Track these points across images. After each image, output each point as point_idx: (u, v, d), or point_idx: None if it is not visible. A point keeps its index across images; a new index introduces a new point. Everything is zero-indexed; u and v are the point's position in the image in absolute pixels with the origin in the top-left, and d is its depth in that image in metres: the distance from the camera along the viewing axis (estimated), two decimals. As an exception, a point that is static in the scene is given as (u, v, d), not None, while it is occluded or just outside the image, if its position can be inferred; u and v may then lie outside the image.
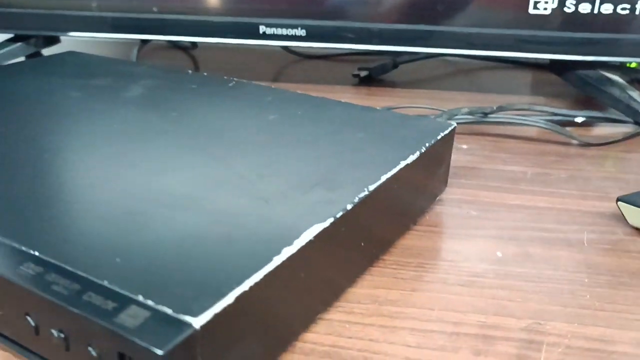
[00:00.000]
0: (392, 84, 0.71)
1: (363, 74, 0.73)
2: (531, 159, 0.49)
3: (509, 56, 0.58)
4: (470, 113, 0.52)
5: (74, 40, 0.83)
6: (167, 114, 0.41)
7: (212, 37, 0.62)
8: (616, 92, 0.54)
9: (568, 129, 0.53)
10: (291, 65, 0.80)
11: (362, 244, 0.32)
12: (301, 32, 0.60)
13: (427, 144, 0.37)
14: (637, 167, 0.48)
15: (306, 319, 0.29)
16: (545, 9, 0.54)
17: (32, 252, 0.25)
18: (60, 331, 0.23)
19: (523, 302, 0.31)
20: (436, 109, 0.55)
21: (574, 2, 0.53)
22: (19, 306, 0.24)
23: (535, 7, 0.55)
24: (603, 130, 0.55)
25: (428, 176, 0.39)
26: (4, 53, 0.66)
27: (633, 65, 0.59)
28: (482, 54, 0.58)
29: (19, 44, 0.66)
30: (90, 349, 0.22)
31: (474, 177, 0.46)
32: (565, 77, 0.59)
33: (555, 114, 0.53)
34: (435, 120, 0.41)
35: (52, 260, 0.24)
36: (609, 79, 0.55)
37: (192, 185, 0.31)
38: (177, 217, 0.28)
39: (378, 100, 0.64)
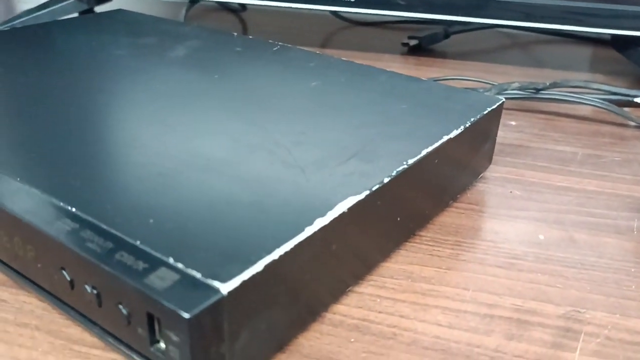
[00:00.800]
0: (443, 55, 0.69)
1: (412, 43, 0.71)
2: (583, 140, 0.47)
3: (568, 30, 0.55)
4: (521, 88, 0.50)
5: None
6: (209, 76, 0.40)
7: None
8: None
9: (626, 109, 0.51)
10: (340, 31, 0.79)
11: (398, 219, 0.32)
12: (350, -3, 0.59)
13: (472, 119, 0.36)
14: (698, 154, 0.45)
15: (337, 291, 0.29)
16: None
17: (69, 208, 0.25)
18: (94, 287, 0.23)
19: (563, 288, 0.30)
20: (485, 82, 0.53)
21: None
22: (56, 260, 0.24)
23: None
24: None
25: (472, 152, 0.37)
26: (58, 9, 0.67)
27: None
28: (540, 26, 0.56)
29: (72, 0, 0.67)
30: (120, 306, 0.22)
31: (520, 155, 0.44)
32: (627, 55, 0.56)
33: (613, 93, 0.50)
34: (482, 94, 0.40)
35: (88, 217, 0.25)
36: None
37: (228, 150, 0.30)
38: (211, 181, 0.28)
39: (426, 71, 0.63)
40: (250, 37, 0.51)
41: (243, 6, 0.86)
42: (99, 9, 0.73)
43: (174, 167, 0.29)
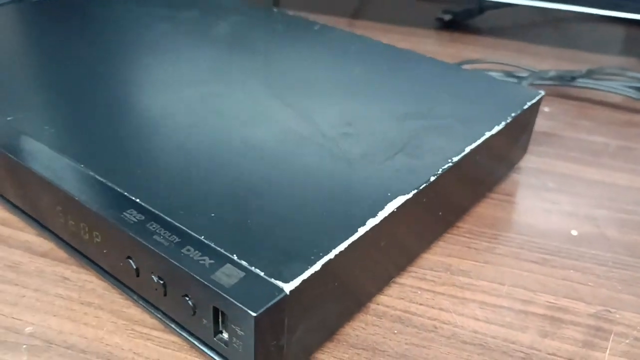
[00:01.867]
0: (477, 31, 0.69)
1: (447, 18, 0.71)
2: (616, 130, 0.48)
3: (607, 15, 0.55)
4: (557, 77, 0.50)
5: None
6: (252, 57, 0.41)
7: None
8: None
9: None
10: (372, 0, 0.78)
11: (440, 213, 0.33)
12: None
13: (513, 114, 0.36)
14: None
15: (381, 283, 0.30)
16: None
17: (134, 198, 0.27)
18: (160, 278, 0.25)
19: (595, 286, 0.31)
20: (522, 68, 0.54)
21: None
22: (122, 249, 0.26)
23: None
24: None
25: (510, 145, 0.38)
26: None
27: None
28: (576, 9, 0.55)
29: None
30: (187, 298, 0.24)
31: (554, 145, 0.45)
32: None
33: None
34: (523, 88, 0.40)
35: (153, 209, 0.26)
36: None
37: (279, 141, 0.32)
38: (265, 174, 0.29)
39: (461, 49, 0.63)
40: (290, 13, 0.51)
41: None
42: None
43: (228, 158, 0.30)
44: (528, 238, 0.35)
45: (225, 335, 0.24)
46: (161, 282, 0.25)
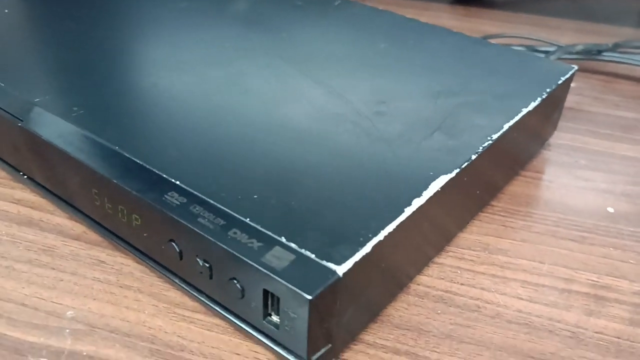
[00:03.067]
0: (491, 4, 0.68)
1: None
2: (646, 105, 0.47)
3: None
4: (584, 51, 0.49)
5: None
6: (277, 35, 0.40)
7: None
8: None
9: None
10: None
11: (477, 192, 0.32)
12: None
13: (547, 90, 0.36)
14: None
15: (421, 263, 0.30)
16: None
17: (174, 180, 0.26)
18: (205, 261, 0.24)
19: (636, 264, 0.31)
20: (547, 42, 0.53)
21: None
22: (165, 232, 0.25)
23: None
24: None
25: (543, 121, 0.38)
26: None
27: None
28: None
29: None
30: (235, 281, 0.23)
31: (583, 121, 0.44)
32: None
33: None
34: (555, 62, 0.39)
35: (194, 192, 0.25)
36: None
37: (313, 120, 0.31)
38: (303, 155, 0.28)
39: (480, 23, 0.61)
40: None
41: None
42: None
43: (264, 138, 0.29)
44: (564, 216, 0.34)
45: (275, 318, 0.23)
46: (207, 265, 0.24)
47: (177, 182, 0.26)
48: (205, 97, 0.32)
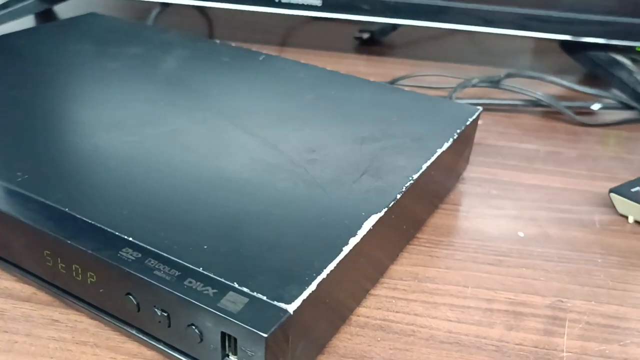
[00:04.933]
0: (391, 47, 0.74)
1: (365, 36, 0.75)
2: (543, 137, 0.52)
3: (521, 35, 0.60)
4: (480, 83, 0.55)
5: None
6: (208, 91, 0.43)
7: (232, 3, 0.63)
8: (624, 75, 0.57)
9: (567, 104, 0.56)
10: (298, 25, 0.81)
11: (404, 227, 0.36)
12: (317, 2, 0.61)
13: (458, 130, 0.40)
14: (640, 148, 0.51)
15: (359, 296, 0.33)
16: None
17: (126, 237, 0.28)
18: (163, 310, 0.26)
19: (546, 280, 0.35)
20: (448, 76, 0.58)
21: (589, -15, 0.56)
22: (121, 286, 0.27)
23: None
24: (607, 112, 0.58)
25: (457, 158, 0.42)
26: (17, 9, 0.66)
27: None
28: (496, 31, 0.60)
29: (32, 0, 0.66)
30: (193, 327, 0.25)
31: (490, 154, 0.49)
32: (575, 57, 0.62)
33: (568, 88, 0.56)
34: (461, 104, 0.44)
35: (147, 246, 0.27)
36: (618, 62, 0.58)
37: (251, 170, 0.33)
38: (245, 204, 0.31)
39: (388, 67, 0.66)
40: (233, 44, 0.53)
41: None
42: (59, 8, 0.72)
43: (207, 191, 0.31)
44: (482, 243, 0.38)
45: (233, 358, 0.25)
46: (165, 314, 0.26)
47: (130, 239, 0.28)
48: (147, 155, 0.34)
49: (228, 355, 0.26)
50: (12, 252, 0.31)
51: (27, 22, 0.71)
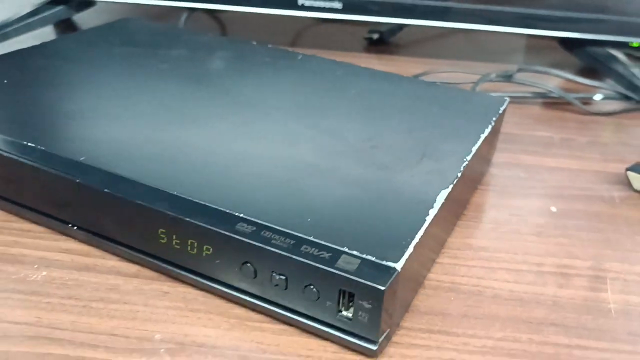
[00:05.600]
0: (400, 46, 0.78)
1: (375, 36, 0.79)
2: (554, 125, 0.58)
3: (520, 32, 0.65)
4: (497, 78, 0.60)
5: (103, 5, 0.85)
6: (261, 88, 0.46)
7: (255, 6, 0.67)
8: (620, 68, 0.63)
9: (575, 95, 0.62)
10: (307, 28, 0.86)
11: (457, 204, 0.40)
12: (338, 5, 0.66)
13: (494, 118, 0.45)
14: (641, 134, 0.57)
15: (429, 264, 0.37)
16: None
17: (237, 214, 0.32)
18: (281, 274, 0.30)
19: (582, 247, 0.40)
20: (463, 72, 0.63)
21: (588, -13, 0.61)
22: (238, 256, 0.31)
23: (554, -10, 0.62)
24: (607, 102, 0.64)
25: (491, 144, 0.47)
26: (48, 16, 0.68)
27: (635, 44, 0.68)
28: (502, 29, 0.66)
29: (61, 7, 0.69)
30: (311, 287, 0.29)
31: (512, 142, 0.54)
32: (574, 52, 0.67)
33: (573, 81, 0.61)
34: (491, 96, 0.49)
35: (259, 221, 0.31)
36: (614, 57, 0.64)
37: (323, 157, 0.37)
38: (327, 183, 0.35)
39: (400, 66, 0.71)
40: (270, 45, 0.57)
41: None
42: (79, 17, 0.75)
43: (292, 174, 0.35)
44: (521, 217, 0.43)
45: (346, 312, 0.29)
46: (283, 277, 0.30)
47: (241, 215, 0.31)
48: (233, 145, 0.38)
49: (341, 311, 0.30)
50: (122, 233, 0.35)
51: (47, 32, 0.73)
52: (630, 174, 0.47)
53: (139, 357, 0.30)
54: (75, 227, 0.36)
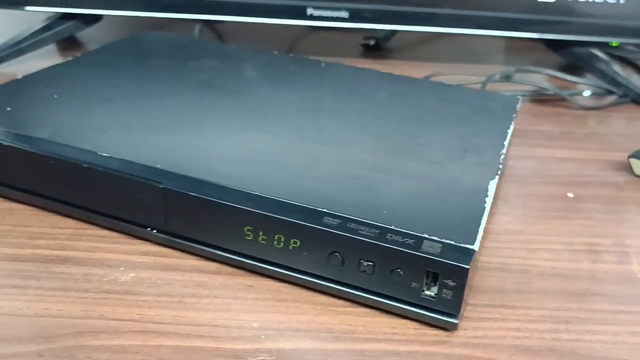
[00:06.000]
0: (393, 51, 0.83)
1: (372, 42, 0.83)
2: (552, 120, 0.63)
3: (507, 35, 0.71)
4: (500, 77, 0.65)
5: (106, 20, 0.86)
6: (297, 94, 0.50)
7: (266, 17, 0.70)
8: (602, 66, 0.69)
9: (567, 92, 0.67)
10: (303, 36, 0.89)
11: (495, 192, 0.45)
12: (345, 15, 0.69)
13: (514, 115, 0.49)
14: (633, 126, 0.63)
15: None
16: (551, -3, 0.67)
17: (322, 209, 0.35)
18: (369, 261, 0.33)
19: (604, 227, 0.45)
20: (474, 76, 0.68)
21: (574, -8, 0.67)
22: (326, 247, 0.34)
23: (543, -4, 0.68)
24: (594, 97, 0.69)
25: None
26: (60, 31, 0.70)
27: (615, 44, 0.74)
28: (483, 33, 0.70)
29: (72, 21, 0.70)
30: (398, 270, 0.33)
31: (518, 136, 0.59)
32: (560, 52, 0.73)
33: (562, 79, 0.67)
34: (505, 95, 0.53)
35: (343, 214, 0.34)
36: (596, 56, 0.70)
37: (377, 154, 0.41)
38: (389, 177, 0.38)
39: (402, 69, 0.75)
40: (291, 55, 0.60)
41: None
42: (84, 34, 0.76)
43: (356, 172, 0.39)
44: (544, 203, 0.48)
45: (428, 292, 0.33)
46: (371, 264, 0.33)
47: (325, 210, 0.35)
48: (295, 146, 0.41)
49: (424, 291, 0.33)
50: (205, 233, 0.38)
51: (49, 50, 0.74)
52: (633, 161, 0.52)
53: (243, 344, 0.33)
54: (154, 231, 0.39)
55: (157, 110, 0.45)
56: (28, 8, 0.67)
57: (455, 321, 0.33)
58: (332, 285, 0.35)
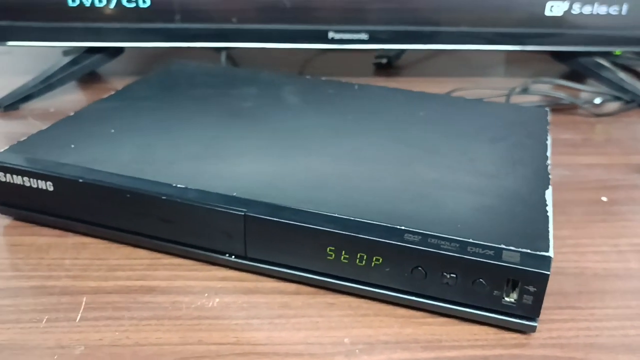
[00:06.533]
0: (401, 68, 0.86)
1: (384, 61, 0.86)
2: (570, 128, 0.66)
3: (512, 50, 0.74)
4: (520, 90, 0.68)
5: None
6: (343, 116, 0.52)
7: (288, 42, 0.72)
8: (609, 74, 0.72)
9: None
10: (314, 57, 0.91)
11: (541, 201, 0.47)
12: (365, 37, 0.72)
13: (548, 127, 0.52)
14: (644, 129, 0.67)
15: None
16: (558, 11, 0.71)
17: (400, 227, 0.37)
18: (452, 273, 0.36)
19: (638, 227, 0.48)
20: (497, 90, 0.71)
21: (580, 6, 0.71)
22: (409, 262, 0.36)
23: (550, 10, 0.71)
24: (605, 104, 0.73)
25: (543, 149, 0.54)
26: (87, 64, 0.71)
27: (618, 52, 0.78)
28: (488, 48, 0.74)
29: (98, 55, 0.72)
30: (480, 280, 0.35)
31: (543, 145, 0.62)
32: (567, 63, 0.76)
33: (574, 89, 0.70)
34: (534, 108, 0.56)
35: (422, 231, 0.37)
36: (602, 65, 0.73)
37: (439, 171, 0.43)
38: (451, 191, 0.41)
39: (417, 86, 0.78)
40: (323, 78, 0.62)
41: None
42: (106, 67, 0.78)
43: (428, 190, 0.41)
44: (584, 208, 0.50)
45: (508, 298, 0.35)
46: (454, 276, 0.36)
47: (402, 227, 0.37)
48: (356, 169, 0.43)
49: (504, 297, 0.36)
50: (284, 255, 0.39)
51: (71, 87, 0.75)
52: (657, 163, 0.56)
53: (342, 359, 0.35)
54: (232, 257, 0.41)
55: (215, 140, 0.47)
56: (39, 44, 0.69)
57: (535, 324, 0.36)
58: (413, 297, 0.38)
